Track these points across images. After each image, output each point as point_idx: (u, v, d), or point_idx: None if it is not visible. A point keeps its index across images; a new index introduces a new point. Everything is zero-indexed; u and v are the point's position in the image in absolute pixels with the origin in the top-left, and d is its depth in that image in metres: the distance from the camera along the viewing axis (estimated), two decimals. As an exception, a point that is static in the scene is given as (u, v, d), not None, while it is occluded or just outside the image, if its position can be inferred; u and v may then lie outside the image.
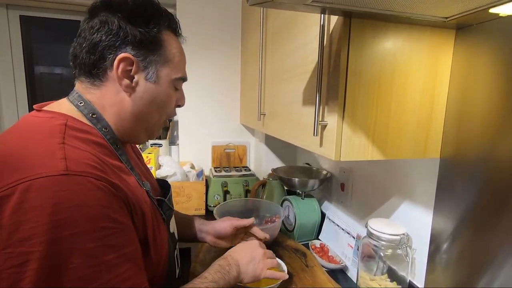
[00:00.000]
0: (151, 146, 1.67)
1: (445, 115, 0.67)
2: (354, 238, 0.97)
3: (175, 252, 0.70)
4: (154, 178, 0.73)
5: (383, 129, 0.63)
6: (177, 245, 0.73)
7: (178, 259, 0.73)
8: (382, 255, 0.76)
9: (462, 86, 0.64)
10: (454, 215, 0.67)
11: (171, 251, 0.65)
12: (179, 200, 1.40)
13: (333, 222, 1.11)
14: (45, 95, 1.95)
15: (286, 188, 1.35)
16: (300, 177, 1.23)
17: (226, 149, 1.77)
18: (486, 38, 0.59)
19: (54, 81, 1.99)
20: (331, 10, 0.55)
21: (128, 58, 0.51)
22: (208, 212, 1.40)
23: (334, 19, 0.61)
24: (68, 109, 0.51)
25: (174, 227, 0.72)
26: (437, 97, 0.65)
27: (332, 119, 0.62)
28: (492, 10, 0.51)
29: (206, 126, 1.76)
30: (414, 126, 0.64)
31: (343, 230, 1.04)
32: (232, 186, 1.50)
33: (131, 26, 0.50)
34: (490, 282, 0.59)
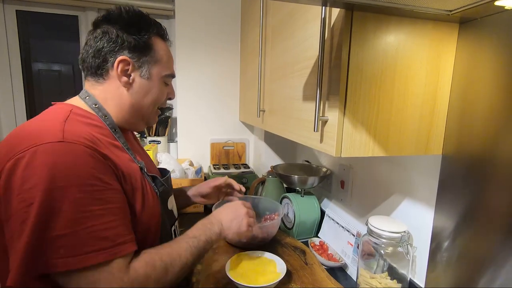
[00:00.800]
0: (150, 143, 1.66)
1: (447, 111, 0.65)
2: (354, 236, 0.96)
3: (173, 227, 0.78)
4: (154, 164, 0.82)
5: (385, 125, 0.62)
6: (176, 222, 0.81)
7: (177, 235, 0.80)
8: (383, 253, 0.75)
9: (465, 81, 0.62)
10: (456, 213, 0.66)
11: (167, 225, 0.73)
12: (178, 197, 1.39)
13: (332, 219, 1.10)
14: (43, 92, 1.93)
15: (285, 185, 1.34)
16: (299, 174, 1.21)
17: (225, 146, 1.76)
18: (491, 32, 0.58)
19: (52, 78, 1.97)
20: (333, 2, 0.54)
21: (125, 59, 0.62)
22: (206, 209, 1.39)
23: (335, 12, 0.60)
24: (76, 102, 0.64)
25: (173, 205, 0.81)
26: (439, 92, 0.64)
27: (333, 115, 0.61)
28: (497, 3, 0.49)
29: (205, 123, 1.75)
30: (416, 122, 0.63)
31: (343, 227, 1.03)
32: (231, 184, 1.49)
33: (127, 34, 0.62)
34: (492, 281, 0.58)
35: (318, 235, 1.17)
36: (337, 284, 0.83)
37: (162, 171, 0.83)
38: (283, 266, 0.84)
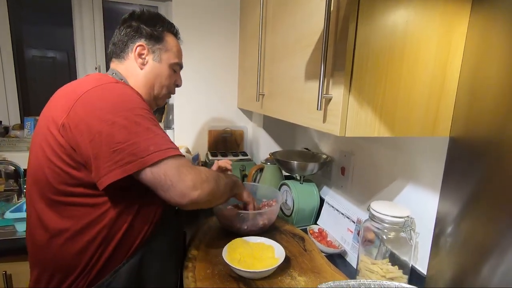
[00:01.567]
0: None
1: (457, 90, 0.62)
2: (354, 222, 0.94)
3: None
4: None
5: (392, 103, 0.59)
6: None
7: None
8: (385, 238, 0.73)
9: (476, 59, 0.59)
10: (462, 197, 0.64)
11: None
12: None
13: (332, 207, 1.08)
14: (37, 80, 1.87)
15: (284, 173, 1.32)
16: (299, 161, 1.19)
17: (223, 133, 1.73)
18: (505, 7, 0.54)
19: (46, 64, 1.91)
20: (341, -31, 0.51)
21: (142, 45, 0.79)
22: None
23: (342, -18, 0.56)
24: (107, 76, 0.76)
25: None
26: (449, 70, 0.61)
27: (337, 92, 0.58)
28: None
29: (203, 110, 1.71)
30: (424, 100, 0.60)
31: (343, 214, 1.01)
32: (228, 171, 1.47)
33: (145, 26, 0.80)
34: (495, 267, 0.56)
35: (317, 223, 1.15)
36: (336, 270, 0.82)
37: None
38: (282, 251, 0.82)
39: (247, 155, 1.65)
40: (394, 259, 0.74)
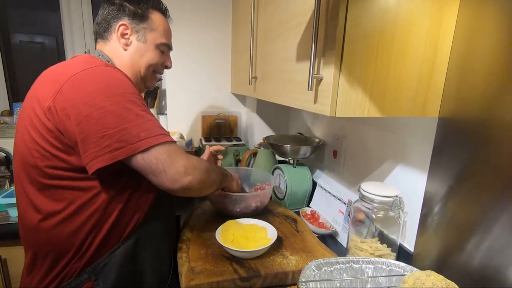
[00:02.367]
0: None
1: (447, 70, 0.63)
2: (345, 204, 0.96)
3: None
4: None
5: (382, 82, 0.59)
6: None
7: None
8: (374, 217, 0.75)
9: (467, 39, 0.59)
10: (449, 177, 0.65)
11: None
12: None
13: (324, 189, 1.10)
14: (25, 66, 1.83)
15: (277, 157, 1.33)
16: (292, 144, 1.19)
17: (216, 119, 1.72)
18: (497, -16, 0.54)
19: (35, 50, 1.86)
20: None
21: (124, 24, 0.75)
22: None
23: (333, -42, 0.55)
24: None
25: None
26: (440, 49, 0.61)
27: (328, 72, 0.58)
28: None
29: (196, 95, 1.69)
30: (414, 80, 0.61)
31: (335, 197, 1.03)
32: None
33: (128, 4, 0.75)
34: (479, 244, 0.58)
35: (310, 205, 1.17)
36: (327, 249, 0.84)
37: None
38: (274, 232, 0.83)
39: (241, 141, 1.65)
40: (383, 238, 0.76)
